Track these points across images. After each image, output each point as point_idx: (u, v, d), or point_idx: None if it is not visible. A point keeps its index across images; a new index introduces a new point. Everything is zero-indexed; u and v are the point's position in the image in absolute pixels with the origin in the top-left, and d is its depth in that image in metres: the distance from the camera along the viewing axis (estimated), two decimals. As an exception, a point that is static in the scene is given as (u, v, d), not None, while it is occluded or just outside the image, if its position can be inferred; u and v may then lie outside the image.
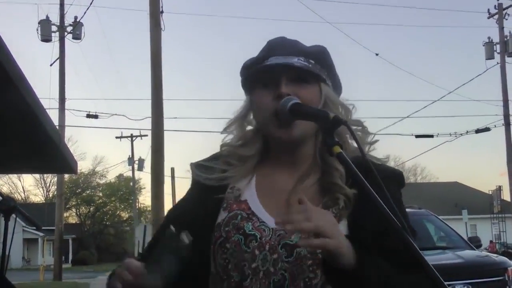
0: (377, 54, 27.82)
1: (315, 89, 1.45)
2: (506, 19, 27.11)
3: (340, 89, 1.56)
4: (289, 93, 1.39)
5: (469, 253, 7.60)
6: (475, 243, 8.38)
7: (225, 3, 77.48)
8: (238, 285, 1.36)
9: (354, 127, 1.41)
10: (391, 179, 1.43)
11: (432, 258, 7.61)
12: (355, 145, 1.30)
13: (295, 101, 1.37)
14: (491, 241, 27.30)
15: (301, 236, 1.24)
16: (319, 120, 1.31)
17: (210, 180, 1.47)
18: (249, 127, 1.55)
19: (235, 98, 1.61)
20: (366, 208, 1.35)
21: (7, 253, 2.93)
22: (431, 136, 25.88)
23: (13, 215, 3.18)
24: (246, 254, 1.37)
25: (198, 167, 1.52)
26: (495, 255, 8.85)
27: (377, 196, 1.13)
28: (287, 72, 1.43)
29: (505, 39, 26.82)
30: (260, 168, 1.50)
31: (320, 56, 1.50)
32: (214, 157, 1.54)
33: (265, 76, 1.45)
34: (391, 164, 1.61)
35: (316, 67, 1.47)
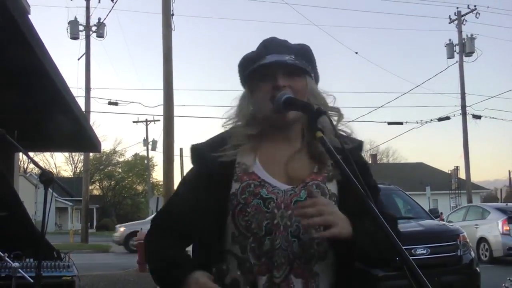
0: (356, 53, 28.29)
1: (304, 81, 1.51)
2: (464, 24, 27.44)
3: (318, 80, 1.60)
4: (284, 85, 1.46)
5: (429, 222, 7.71)
6: (434, 214, 8.54)
7: (227, 8, 77.03)
8: (262, 240, 1.40)
9: (333, 112, 1.52)
10: (357, 147, 1.54)
11: (399, 226, 7.69)
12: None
13: (287, 96, 1.43)
14: (441, 213, 27.81)
15: (316, 228, 1.36)
16: (306, 111, 1.40)
17: (223, 157, 1.48)
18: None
19: (234, 89, 1.66)
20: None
21: (46, 218, 2.98)
22: (401, 123, 26.07)
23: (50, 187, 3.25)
24: (267, 214, 1.41)
25: (207, 147, 1.52)
26: (451, 224, 8.97)
27: (348, 171, 1.24)
28: (282, 68, 1.47)
29: (463, 41, 27.11)
30: (260, 145, 1.52)
31: (305, 53, 1.56)
32: (220, 138, 1.54)
33: (263, 71, 1.49)
34: (367, 147, 1.69)
35: (303, 63, 1.52)
